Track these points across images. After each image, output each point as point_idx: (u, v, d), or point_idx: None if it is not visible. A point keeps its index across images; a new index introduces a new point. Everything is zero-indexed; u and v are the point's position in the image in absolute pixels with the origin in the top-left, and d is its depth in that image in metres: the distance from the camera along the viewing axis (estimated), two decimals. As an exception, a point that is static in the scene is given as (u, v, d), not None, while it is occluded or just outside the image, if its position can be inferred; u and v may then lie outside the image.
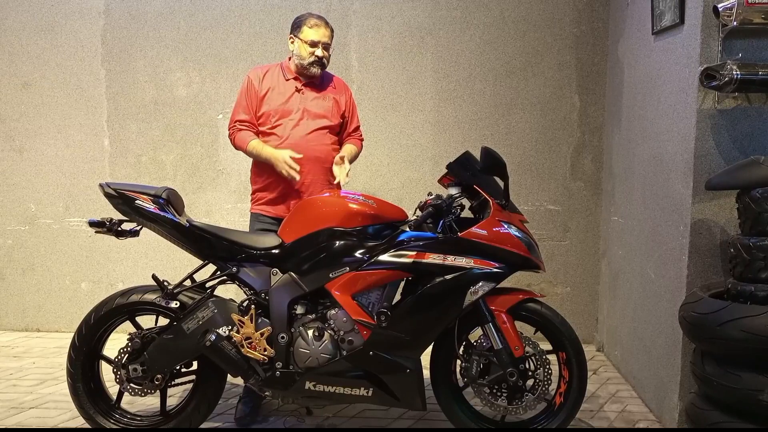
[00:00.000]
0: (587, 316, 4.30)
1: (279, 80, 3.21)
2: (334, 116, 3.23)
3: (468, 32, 4.28)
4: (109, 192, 2.81)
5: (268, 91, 3.18)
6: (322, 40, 3.15)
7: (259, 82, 3.20)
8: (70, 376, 2.83)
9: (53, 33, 4.50)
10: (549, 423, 2.77)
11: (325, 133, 3.19)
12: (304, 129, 3.15)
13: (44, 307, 4.66)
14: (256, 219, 3.19)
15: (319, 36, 3.15)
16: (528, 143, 4.29)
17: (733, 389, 2.36)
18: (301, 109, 3.16)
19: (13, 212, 4.64)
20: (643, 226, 3.35)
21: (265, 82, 3.20)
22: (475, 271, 2.64)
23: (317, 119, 3.18)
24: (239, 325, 2.71)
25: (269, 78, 3.21)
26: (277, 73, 3.23)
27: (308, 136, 3.14)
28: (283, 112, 3.15)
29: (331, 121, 3.21)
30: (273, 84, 3.19)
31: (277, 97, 3.17)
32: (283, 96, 3.17)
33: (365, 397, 2.70)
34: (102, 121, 4.54)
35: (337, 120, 3.25)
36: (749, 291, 2.42)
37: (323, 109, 3.20)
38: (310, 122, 3.16)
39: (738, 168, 2.57)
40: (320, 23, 3.16)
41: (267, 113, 3.17)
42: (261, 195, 3.19)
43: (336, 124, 3.25)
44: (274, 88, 3.19)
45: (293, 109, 3.16)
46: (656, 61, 3.21)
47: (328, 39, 3.19)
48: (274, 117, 3.15)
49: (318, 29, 3.15)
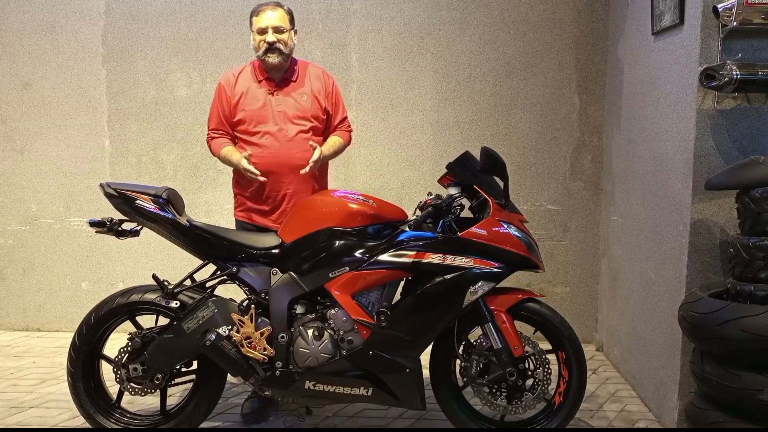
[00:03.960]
0: (587, 315, 4.30)
1: (251, 83, 3.07)
2: (314, 115, 3.07)
3: (468, 32, 4.28)
4: (109, 192, 2.81)
5: (241, 96, 3.05)
6: (270, 24, 2.96)
7: (231, 88, 3.07)
8: (71, 376, 2.83)
9: (54, 33, 4.50)
10: (548, 422, 2.77)
11: (306, 137, 3.03)
12: (283, 136, 3.01)
13: (45, 306, 4.66)
14: (241, 227, 3.13)
15: (266, 21, 2.96)
16: (528, 143, 4.29)
17: (733, 389, 2.37)
18: (277, 113, 3.02)
19: (13, 212, 4.64)
20: (643, 225, 3.35)
21: (238, 87, 3.06)
22: (474, 271, 2.64)
23: (295, 123, 3.03)
24: (239, 324, 2.72)
25: (241, 82, 3.07)
26: (248, 74, 3.09)
27: (288, 143, 3.01)
28: (259, 118, 3.02)
29: (311, 122, 3.06)
30: (245, 88, 3.06)
31: (251, 101, 3.04)
32: (257, 100, 3.04)
33: (365, 396, 2.71)
34: (102, 121, 4.54)
35: (320, 117, 3.10)
36: (749, 291, 2.42)
37: (300, 110, 3.05)
38: (288, 128, 3.01)
39: (738, 168, 2.57)
40: (266, 7, 2.98)
41: (243, 120, 3.04)
42: (242, 200, 3.13)
43: (317, 123, 3.09)
44: (247, 93, 3.05)
45: (268, 115, 3.02)
46: (656, 62, 3.21)
47: (277, 21, 2.97)
48: (251, 124, 3.03)
49: (263, 14, 2.97)
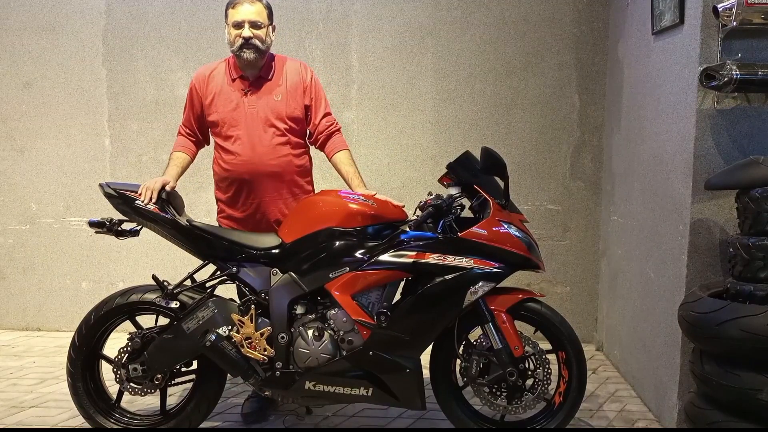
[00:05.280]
0: (587, 315, 4.30)
1: (224, 82, 2.96)
2: (290, 116, 2.96)
3: (468, 32, 4.28)
4: (108, 192, 2.81)
5: (214, 96, 2.96)
6: (247, 18, 2.85)
7: (204, 88, 2.98)
8: (70, 376, 2.83)
9: (54, 33, 4.50)
10: (548, 422, 2.77)
11: (283, 141, 2.95)
12: (257, 142, 2.92)
13: (45, 306, 4.67)
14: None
15: (243, 14, 2.86)
16: (528, 143, 4.29)
17: (732, 388, 2.36)
18: (250, 116, 2.93)
19: (13, 212, 4.64)
20: (643, 225, 3.35)
21: (210, 87, 2.97)
22: (475, 271, 2.64)
23: (270, 127, 2.93)
24: (239, 325, 2.72)
25: (214, 81, 2.98)
26: (222, 73, 2.99)
27: (262, 149, 2.93)
28: (231, 121, 2.93)
29: (286, 124, 2.96)
30: (218, 88, 2.96)
31: (224, 103, 2.94)
32: (229, 101, 2.94)
33: (365, 396, 2.71)
34: (103, 121, 4.54)
35: (297, 117, 2.99)
36: (748, 290, 2.42)
37: (274, 112, 2.94)
38: (261, 132, 2.92)
39: (737, 168, 2.57)
40: (243, 1, 2.88)
41: (216, 122, 2.97)
42: (221, 206, 3.10)
43: (294, 125, 2.99)
44: (219, 93, 2.95)
45: (241, 118, 2.93)
46: (656, 61, 3.21)
47: (255, 16, 2.86)
48: (223, 127, 2.95)
49: (240, 7, 2.87)
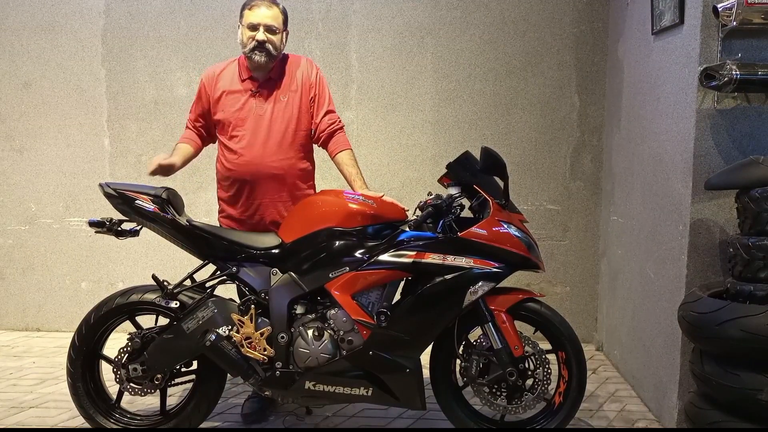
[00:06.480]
0: (586, 315, 4.30)
1: (234, 81, 2.97)
2: (296, 118, 2.97)
3: (468, 32, 4.28)
4: (108, 192, 2.81)
5: (222, 95, 2.96)
6: (263, 22, 2.85)
7: (213, 86, 2.99)
8: (70, 376, 2.83)
9: (53, 33, 4.50)
10: (548, 422, 2.77)
11: (287, 144, 2.96)
12: (260, 144, 2.93)
13: (44, 306, 4.66)
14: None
15: (259, 17, 2.86)
16: (528, 143, 4.29)
17: (732, 388, 2.37)
18: (256, 118, 2.93)
19: (13, 212, 4.64)
20: (643, 225, 3.35)
21: (219, 85, 2.98)
22: (474, 271, 2.64)
23: (275, 128, 2.94)
24: (239, 325, 2.71)
25: (223, 79, 2.99)
26: (232, 72, 2.99)
27: (265, 151, 2.93)
28: (237, 121, 2.94)
29: (291, 126, 2.96)
30: (227, 86, 2.97)
31: (231, 102, 2.96)
32: (237, 101, 2.95)
33: (365, 396, 2.71)
34: (102, 121, 4.54)
35: (302, 118, 2.98)
36: (748, 290, 2.42)
37: (281, 114, 2.95)
38: (266, 134, 2.93)
39: (737, 168, 2.57)
40: (261, 3, 2.88)
41: (221, 121, 2.97)
42: (223, 205, 3.10)
43: (300, 127, 2.98)
44: (228, 92, 2.96)
45: (247, 120, 2.93)
46: (656, 61, 3.21)
47: (271, 20, 2.87)
48: (229, 126, 2.96)
49: (257, 9, 2.87)
